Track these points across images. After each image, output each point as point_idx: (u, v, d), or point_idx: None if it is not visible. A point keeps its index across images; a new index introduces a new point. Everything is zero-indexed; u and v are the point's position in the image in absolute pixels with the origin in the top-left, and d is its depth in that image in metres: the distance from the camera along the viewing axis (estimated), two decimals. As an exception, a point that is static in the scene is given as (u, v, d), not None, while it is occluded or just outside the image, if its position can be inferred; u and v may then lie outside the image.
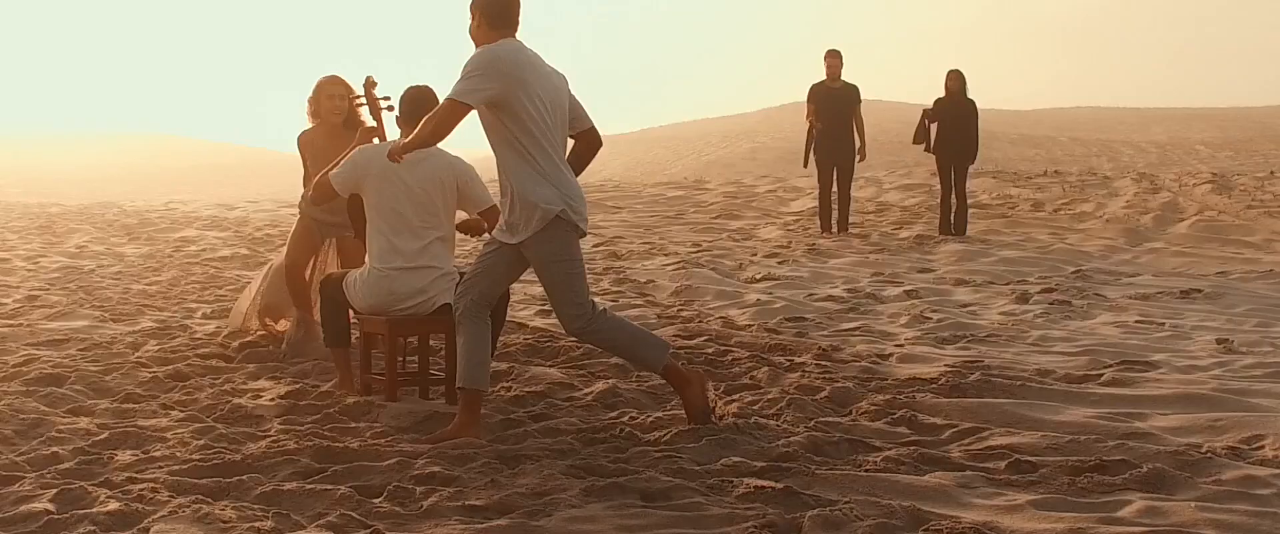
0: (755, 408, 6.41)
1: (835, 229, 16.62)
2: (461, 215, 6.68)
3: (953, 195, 16.23)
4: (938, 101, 16.06)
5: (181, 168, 59.37)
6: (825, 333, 9.31)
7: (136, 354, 8.00)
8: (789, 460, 5.33)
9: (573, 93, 5.93)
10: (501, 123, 5.64)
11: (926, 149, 16.13)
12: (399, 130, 6.63)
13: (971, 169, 16.59)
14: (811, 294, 11.36)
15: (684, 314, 10.18)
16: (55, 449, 5.46)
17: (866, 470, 5.20)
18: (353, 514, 4.53)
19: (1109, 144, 53.68)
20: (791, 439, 5.67)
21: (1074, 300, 10.80)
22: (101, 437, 5.69)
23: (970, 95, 16.06)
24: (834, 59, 16.23)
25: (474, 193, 6.62)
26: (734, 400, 6.58)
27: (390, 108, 6.93)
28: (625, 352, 6.05)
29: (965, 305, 10.73)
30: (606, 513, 4.55)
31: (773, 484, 4.85)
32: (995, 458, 5.45)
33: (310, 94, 8.03)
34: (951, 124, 15.93)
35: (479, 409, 5.81)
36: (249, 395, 6.74)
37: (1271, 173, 23.91)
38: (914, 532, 4.38)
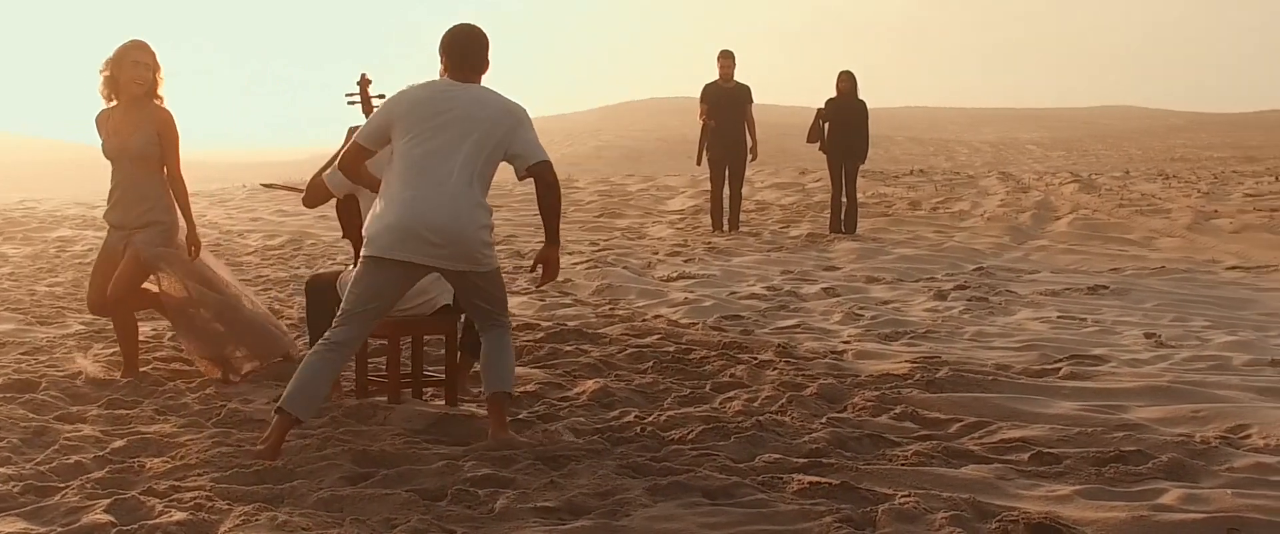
0: (755, 405, 6.51)
1: (726, 227, 16.82)
2: None
3: (843, 194, 16.54)
4: (829, 101, 16.35)
5: (8, 164, 57.41)
6: (767, 330, 9.43)
7: (93, 358, 7.77)
8: (824, 456, 5.43)
9: (527, 133, 5.67)
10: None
11: (820, 148, 16.41)
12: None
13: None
14: (733, 292, 11.50)
15: (620, 313, 10.23)
16: (76, 458, 5.30)
17: (903, 465, 5.33)
18: (428, 518, 4.49)
19: (945, 143, 55.09)
20: (815, 436, 5.77)
21: (990, 297, 11.11)
22: (119, 445, 5.53)
23: (861, 96, 16.41)
24: (727, 60, 16.44)
25: None
26: (732, 399, 6.66)
27: (381, 107, 6.85)
28: (298, 386, 5.46)
29: (887, 302, 10.96)
30: (682, 512, 4.59)
31: (828, 480, 4.94)
32: (1015, 451, 5.62)
33: (109, 59, 7.07)
34: (843, 124, 16.24)
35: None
36: (239, 400, 6.61)
37: (1127, 173, 24.82)
38: (985, 523, 4.51)
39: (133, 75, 7.04)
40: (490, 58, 5.75)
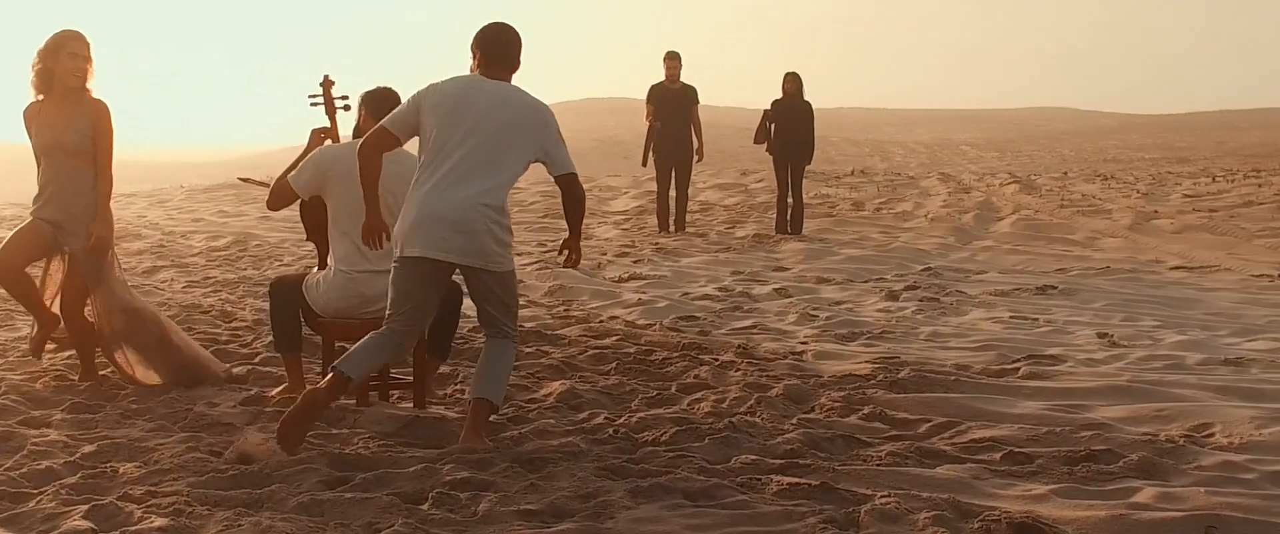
0: (724, 406, 6.52)
1: (673, 228, 16.85)
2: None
3: (789, 195, 16.61)
4: (775, 102, 16.43)
5: (-66, 164, 56.44)
6: (724, 331, 9.46)
7: (48, 362, 7.66)
8: (799, 457, 5.45)
9: (552, 135, 5.78)
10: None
11: (767, 149, 16.49)
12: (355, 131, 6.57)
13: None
14: (686, 293, 11.52)
15: (576, 314, 10.22)
16: (46, 463, 5.22)
17: (879, 465, 5.36)
18: (411, 522, 4.46)
19: (880, 144, 55.38)
20: (788, 436, 5.80)
21: (940, 297, 11.19)
22: (89, 450, 5.46)
23: (805, 97, 16.49)
24: (673, 61, 16.47)
25: None
26: (700, 400, 6.67)
27: (346, 108, 6.83)
28: (355, 352, 5.71)
29: (840, 303, 11.02)
30: (666, 513, 4.59)
31: (807, 481, 4.95)
32: (986, 451, 5.67)
33: (42, 50, 6.82)
34: (789, 125, 16.32)
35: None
36: (204, 403, 6.53)
37: (1066, 174, 25.09)
38: (967, 523, 4.54)
39: (69, 67, 6.81)
40: (522, 58, 5.87)
